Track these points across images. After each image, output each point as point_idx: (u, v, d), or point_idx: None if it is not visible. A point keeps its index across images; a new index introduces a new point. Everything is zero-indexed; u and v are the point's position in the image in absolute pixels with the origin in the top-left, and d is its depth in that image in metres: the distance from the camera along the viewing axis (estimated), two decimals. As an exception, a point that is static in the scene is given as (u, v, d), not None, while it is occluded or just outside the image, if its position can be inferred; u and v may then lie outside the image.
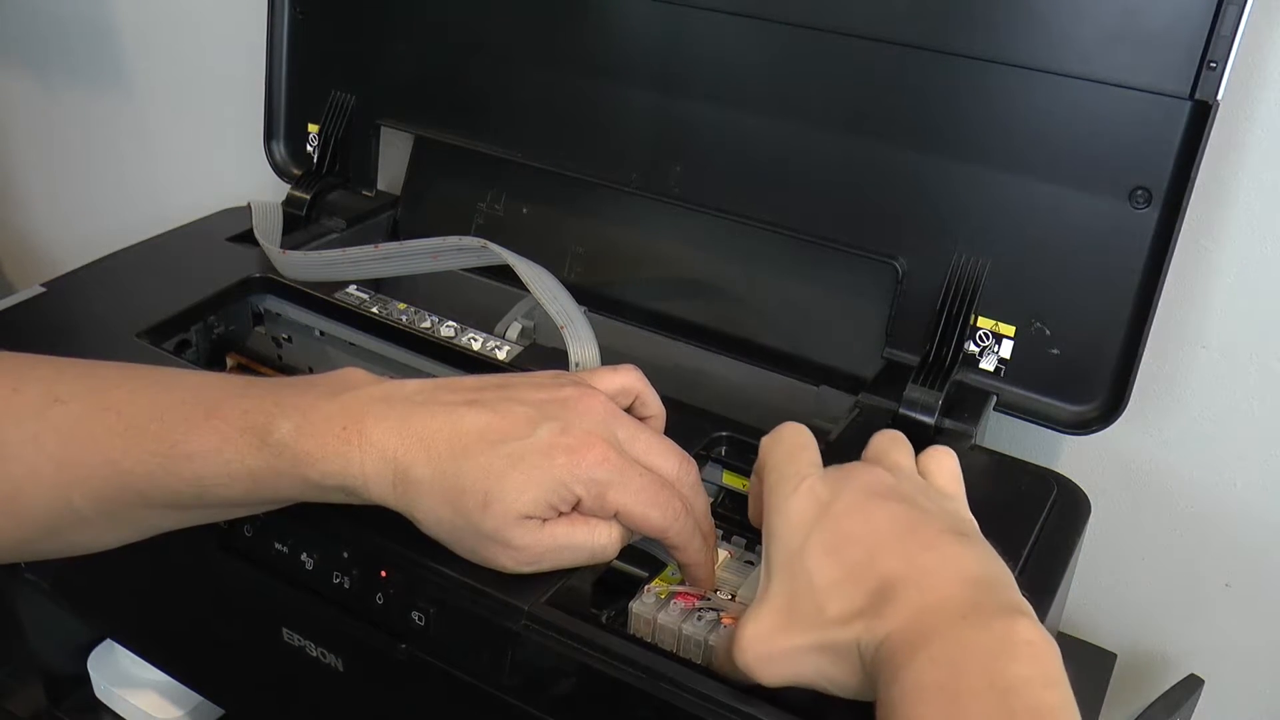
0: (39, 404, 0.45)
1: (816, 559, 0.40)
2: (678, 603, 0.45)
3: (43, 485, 0.44)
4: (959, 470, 0.47)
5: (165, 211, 0.81)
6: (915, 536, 0.40)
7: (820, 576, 0.40)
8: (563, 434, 0.44)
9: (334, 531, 0.49)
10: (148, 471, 0.44)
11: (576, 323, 0.58)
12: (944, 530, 0.41)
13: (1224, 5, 0.51)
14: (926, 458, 0.47)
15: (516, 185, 0.75)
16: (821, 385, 0.65)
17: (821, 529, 0.41)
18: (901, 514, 0.41)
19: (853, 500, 0.42)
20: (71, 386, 0.46)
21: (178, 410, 0.45)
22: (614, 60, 0.68)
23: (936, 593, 0.38)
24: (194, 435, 0.44)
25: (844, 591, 0.39)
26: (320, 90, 0.80)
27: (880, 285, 0.63)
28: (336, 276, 0.67)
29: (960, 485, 0.46)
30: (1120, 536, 0.71)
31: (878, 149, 0.62)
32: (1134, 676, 0.74)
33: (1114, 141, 0.56)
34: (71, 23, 1.04)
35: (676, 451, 0.47)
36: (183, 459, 0.44)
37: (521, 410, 0.45)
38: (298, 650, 0.52)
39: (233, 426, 0.44)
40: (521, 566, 0.44)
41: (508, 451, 0.43)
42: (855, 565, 0.40)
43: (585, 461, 0.43)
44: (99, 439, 0.44)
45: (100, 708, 0.72)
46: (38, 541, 0.47)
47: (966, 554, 0.40)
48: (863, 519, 0.41)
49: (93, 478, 0.44)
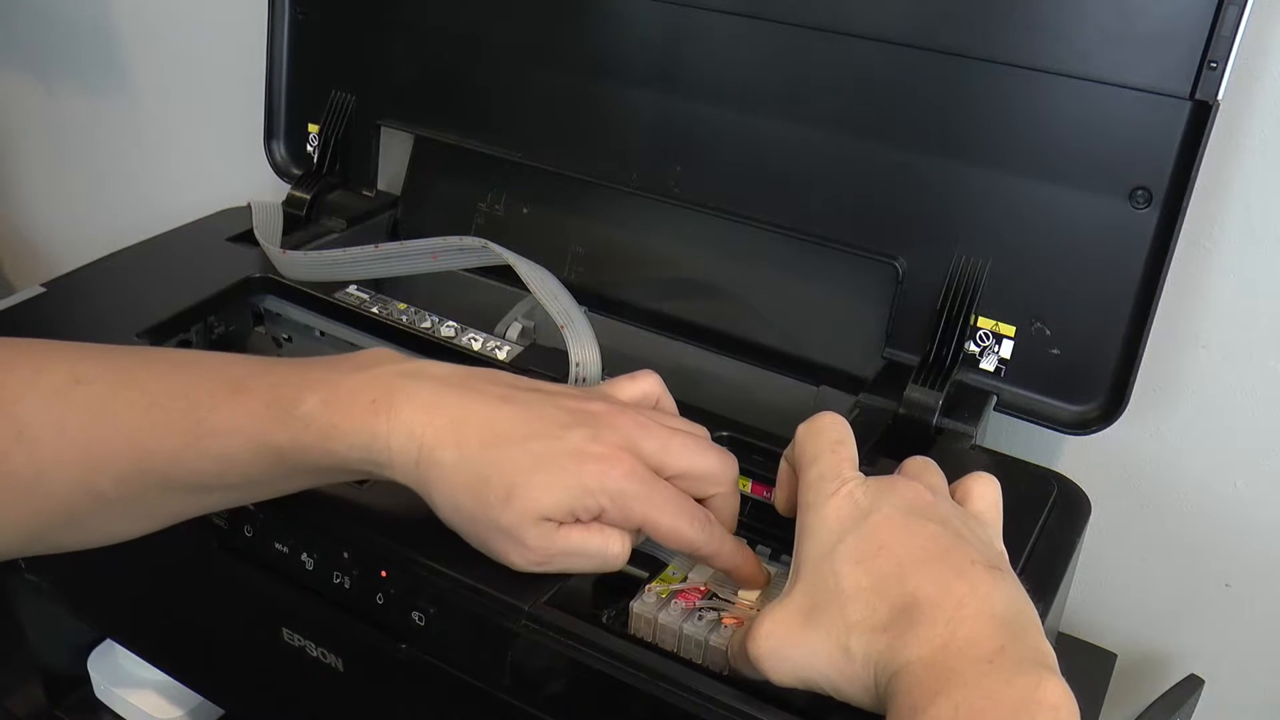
0: (62, 386, 0.44)
1: (847, 565, 0.40)
2: (678, 603, 0.45)
3: (66, 469, 0.44)
4: (1000, 500, 0.45)
5: (165, 211, 0.81)
6: (949, 561, 0.40)
7: (848, 581, 0.39)
8: (593, 442, 0.44)
9: (334, 531, 0.48)
10: (172, 450, 0.44)
11: (577, 323, 0.58)
12: (978, 560, 0.40)
13: (1224, 5, 0.51)
14: (970, 482, 0.45)
15: (516, 185, 0.75)
16: (821, 385, 0.65)
17: (857, 536, 0.40)
18: (939, 535, 0.40)
19: (892, 513, 0.41)
20: (94, 368, 0.45)
21: (202, 387, 0.44)
22: (614, 60, 0.68)
23: (964, 628, 0.37)
24: (220, 411, 0.44)
25: (869, 601, 0.39)
26: (320, 90, 0.80)
27: (880, 285, 0.63)
28: (337, 276, 0.67)
29: (999, 515, 0.45)
30: (1120, 536, 0.71)
31: (878, 149, 0.62)
32: (1134, 676, 0.74)
33: (1114, 141, 0.56)
34: (72, 23, 1.04)
35: (714, 449, 0.47)
36: (208, 435, 0.43)
37: (554, 413, 0.45)
38: (298, 650, 0.52)
39: (259, 401, 0.44)
40: (529, 565, 0.44)
41: (537, 449, 0.43)
42: (885, 578, 0.39)
43: (614, 473, 0.43)
44: (123, 419, 0.44)
45: (100, 708, 0.72)
46: (56, 531, 0.46)
47: (998, 590, 0.39)
48: (900, 533, 0.40)
49: (117, 459, 0.44)
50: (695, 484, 0.46)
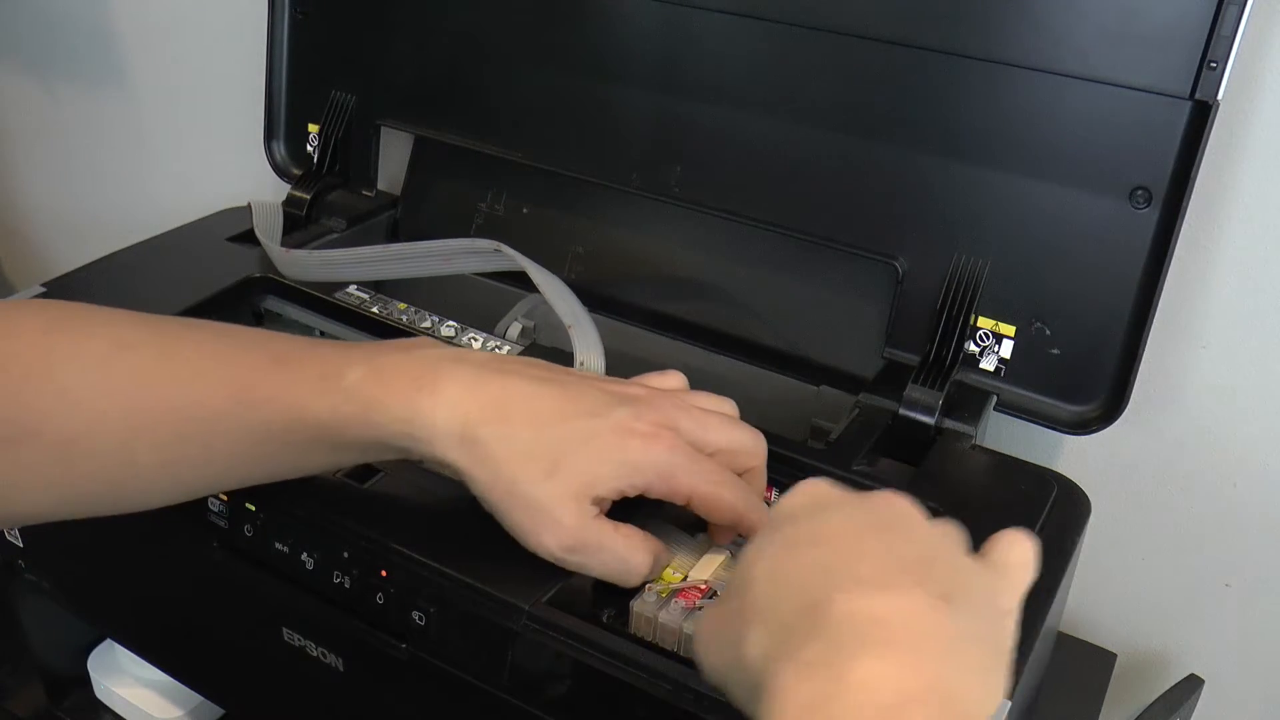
0: (106, 350, 0.45)
1: (762, 563, 0.36)
2: (678, 602, 0.45)
3: (105, 432, 0.44)
4: (1030, 559, 0.39)
5: (165, 211, 0.81)
6: (859, 572, 0.34)
7: (759, 584, 0.36)
8: (636, 420, 0.44)
9: (334, 531, 0.48)
10: (213, 419, 0.44)
11: (583, 324, 0.58)
12: (913, 581, 0.33)
13: (1224, 5, 0.51)
14: (1001, 534, 0.39)
15: (516, 185, 0.75)
16: (821, 385, 0.65)
17: (781, 535, 0.37)
18: (875, 547, 0.35)
19: (831, 517, 0.37)
20: (138, 334, 0.46)
21: (246, 358, 0.45)
22: (614, 60, 0.69)
23: (850, 642, 0.32)
24: (263, 382, 0.44)
25: (770, 603, 0.35)
26: (320, 90, 0.80)
27: (880, 285, 0.63)
28: (343, 277, 0.67)
29: (1022, 572, 0.39)
30: (1120, 536, 0.71)
31: (878, 149, 0.62)
32: (1134, 676, 0.74)
33: (1114, 141, 0.56)
34: (72, 23, 1.04)
35: (747, 427, 0.48)
36: (249, 406, 0.44)
37: (595, 393, 0.45)
38: (298, 650, 0.52)
39: (303, 373, 0.44)
40: (558, 549, 0.44)
41: (581, 427, 0.44)
42: (788, 580, 0.35)
43: (658, 447, 0.44)
44: (166, 386, 0.44)
45: (100, 708, 0.72)
46: (93, 495, 0.46)
47: (919, 614, 0.32)
48: (835, 539, 0.36)
49: (158, 425, 0.44)
50: (732, 459, 0.47)
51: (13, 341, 0.45)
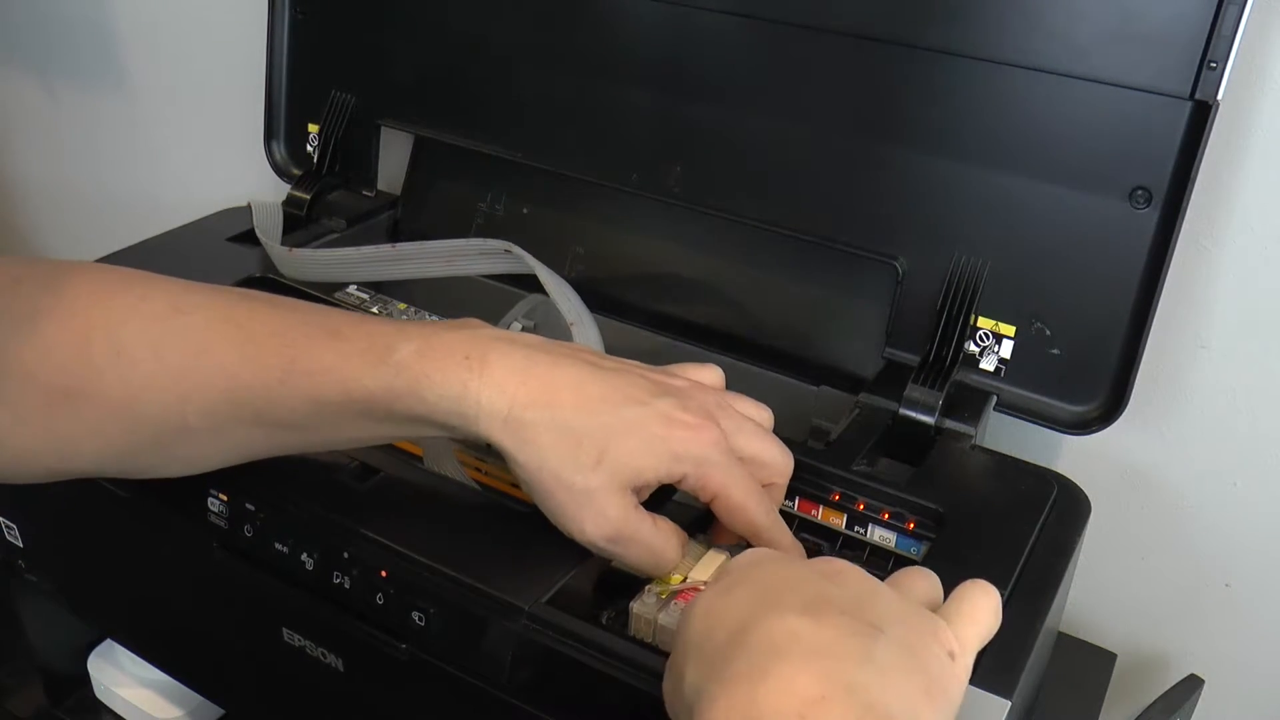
0: (163, 313, 0.46)
1: (703, 600, 0.38)
2: (678, 603, 0.45)
3: (158, 392, 0.45)
4: (989, 613, 0.39)
5: (165, 211, 0.81)
6: (787, 603, 0.35)
7: (696, 620, 0.37)
8: (681, 410, 0.45)
9: (334, 531, 0.49)
10: (265, 385, 0.44)
11: (585, 324, 0.58)
12: (843, 612, 0.35)
13: (1224, 5, 0.51)
14: (964, 587, 0.40)
15: (516, 185, 0.75)
16: (821, 385, 0.65)
17: (728, 576, 0.39)
18: (805, 585, 0.37)
19: (767, 562, 0.39)
20: (194, 299, 0.47)
21: (299, 329, 0.45)
22: (614, 60, 0.68)
23: (774, 672, 0.33)
24: (315, 352, 0.44)
25: (708, 635, 0.36)
26: (320, 90, 0.80)
27: (880, 285, 0.63)
28: (348, 276, 0.67)
29: (979, 624, 0.39)
30: (1120, 536, 0.71)
31: (878, 149, 0.62)
32: (1134, 676, 0.74)
33: (1114, 141, 0.56)
34: (72, 23, 1.04)
35: (779, 442, 0.49)
36: (302, 375, 0.44)
37: (640, 382, 0.46)
38: (298, 650, 0.52)
39: (354, 346, 0.45)
40: (598, 537, 0.44)
41: (628, 415, 0.44)
42: (722, 616, 0.36)
43: (701, 439, 0.45)
44: (219, 350, 0.45)
45: (100, 708, 0.72)
46: (145, 453, 0.47)
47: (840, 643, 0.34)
48: (768, 578, 0.38)
49: (209, 389, 0.45)
50: (758, 470, 0.48)
51: (72, 300, 0.46)
